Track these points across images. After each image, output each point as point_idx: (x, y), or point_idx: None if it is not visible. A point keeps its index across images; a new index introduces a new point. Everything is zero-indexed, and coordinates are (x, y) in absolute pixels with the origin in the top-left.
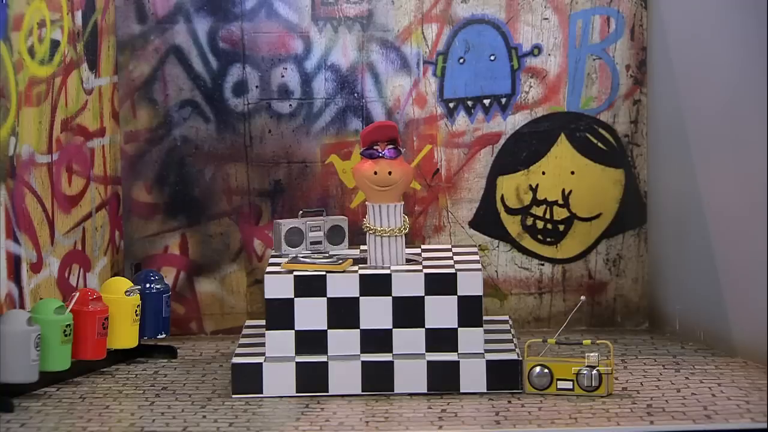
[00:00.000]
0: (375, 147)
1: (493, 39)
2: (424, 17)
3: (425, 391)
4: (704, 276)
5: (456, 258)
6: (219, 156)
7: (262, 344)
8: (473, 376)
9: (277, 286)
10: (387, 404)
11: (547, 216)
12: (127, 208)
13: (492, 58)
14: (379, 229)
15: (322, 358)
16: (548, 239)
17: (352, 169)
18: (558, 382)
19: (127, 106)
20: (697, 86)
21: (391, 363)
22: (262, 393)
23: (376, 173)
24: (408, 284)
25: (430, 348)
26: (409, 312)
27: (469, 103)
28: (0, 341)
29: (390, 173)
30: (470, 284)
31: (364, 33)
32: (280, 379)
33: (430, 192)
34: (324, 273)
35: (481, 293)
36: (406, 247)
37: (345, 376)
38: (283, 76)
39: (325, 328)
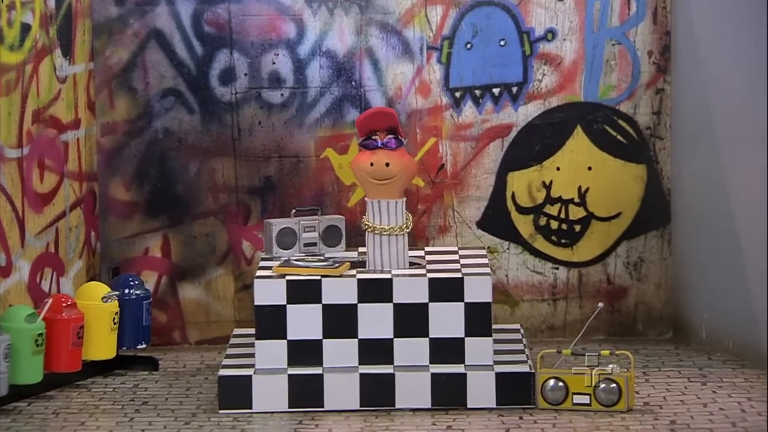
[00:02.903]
0: (374, 137)
1: (503, 22)
2: None
3: (429, 406)
4: (733, 281)
5: (463, 261)
6: (204, 150)
7: (252, 355)
8: (481, 389)
9: (268, 292)
10: (387, 420)
11: (562, 215)
12: (103, 207)
13: (502, 43)
14: (378, 227)
15: (317, 370)
16: (563, 241)
17: (351, 162)
18: (574, 396)
19: (104, 96)
20: (724, 74)
21: (392, 375)
22: (251, 408)
23: (372, 164)
24: (411, 290)
25: (434, 359)
26: (411, 320)
27: (477, 92)
28: None
29: (387, 164)
30: (478, 290)
31: (363, 16)
32: (271, 392)
33: (434, 189)
34: (319, 277)
35: (490, 299)
36: (409, 249)
37: (342, 390)
38: (274, 63)
39: (320, 337)
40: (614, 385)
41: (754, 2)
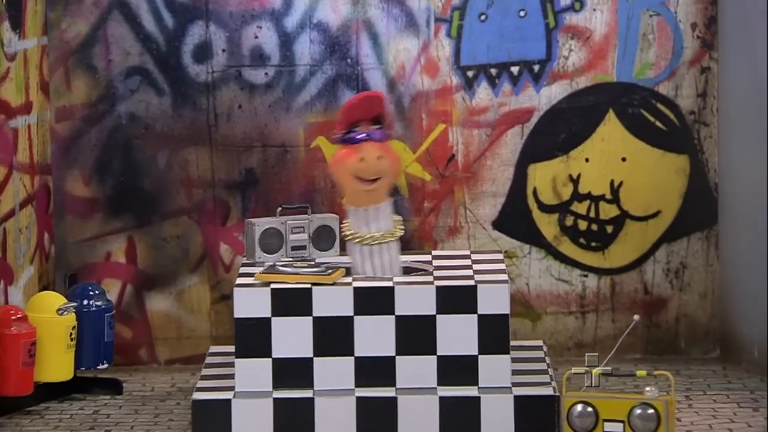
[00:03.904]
0: (355, 129)
1: None
2: None
3: None
4: None
5: (476, 267)
6: (175, 138)
7: (231, 376)
8: (498, 415)
9: (250, 303)
10: None
11: (592, 214)
12: (59, 205)
13: (522, 14)
14: (367, 235)
15: (307, 394)
16: (593, 243)
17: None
18: (605, 423)
19: (60, 76)
20: None
21: (393, 399)
22: None
23: (362, 160)
24: (415, 300)
25: (443, 380)
26: (416, 335)
27: (493, 71)
28: None
29: (379, 158)
30: (494, 300)
31: None
32: (253, 419)
33: (443, 184)
34: (309, 286)
35: (507, 311)
36: (414, 254)
37: (335, 416)
38: (256, 37)
39: (311, 355)
40: (652, 410)
41: None
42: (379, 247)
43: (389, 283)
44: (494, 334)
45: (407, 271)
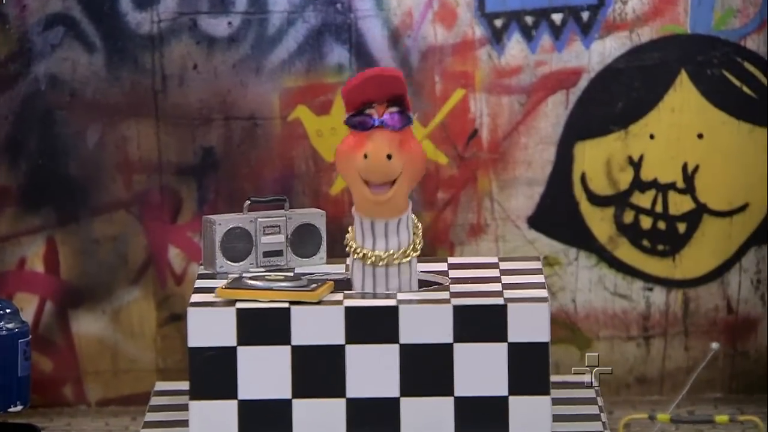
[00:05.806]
0: (368, 111)
1: None
2: None
3: None
4: None
5: (506, 279)
6: (111, 108)
7: (184, 423)
8: None
9: (209, 328)
10: None
11: (659, 208)
12: None
13: None
14: (370, 253)
15: None
16: (660, 247)
17: (336, 149)
18: None
19: None
20: None
21: None
22: None
23: (366, 156)
24: (426, 323)
25: (462, 429)
26: (427, 369)
27: (529, 19)
28: None
29: (389, 157)
30: (530, 323)
31: None
32: None
33: (463, 168)
34: (287, 305)
35: (547, 339)
36: (424, 262)
37: None
38: None
39: (289, 396)
40: None
41: None
42: (386, 270)
43: (392, 302)
44: (530, 368)
45: (426, 282)
